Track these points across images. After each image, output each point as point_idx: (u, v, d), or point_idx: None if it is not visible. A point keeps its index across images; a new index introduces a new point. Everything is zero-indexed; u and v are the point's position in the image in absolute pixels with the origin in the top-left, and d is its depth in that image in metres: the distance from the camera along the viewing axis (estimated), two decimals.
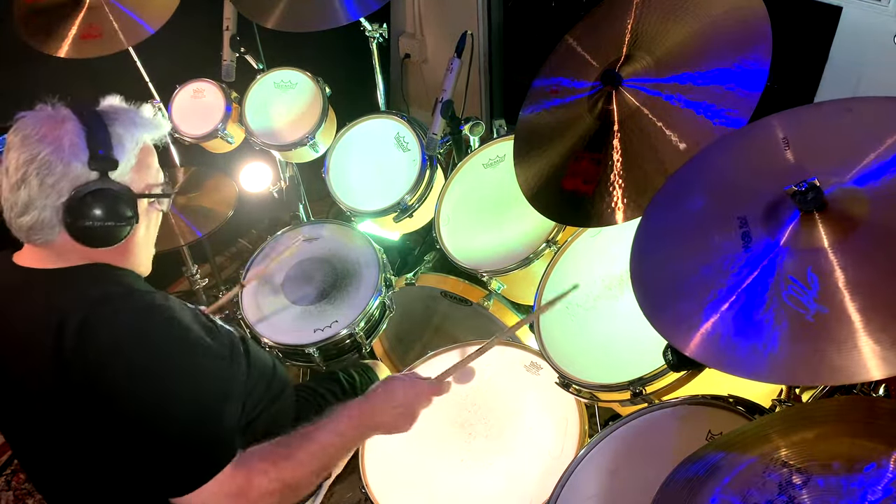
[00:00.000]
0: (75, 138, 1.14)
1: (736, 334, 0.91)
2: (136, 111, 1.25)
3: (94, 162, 1.14)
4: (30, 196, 1.13)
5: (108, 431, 1.13)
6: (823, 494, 0.81)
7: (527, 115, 1.61)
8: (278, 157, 2.38)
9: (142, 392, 1.11)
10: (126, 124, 1.20)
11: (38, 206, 1.13)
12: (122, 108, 1.24)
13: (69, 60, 1.98)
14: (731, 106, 1.22)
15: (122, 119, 1.21)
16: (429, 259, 2.24)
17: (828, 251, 0.89)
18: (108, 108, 1.22)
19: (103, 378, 1.10)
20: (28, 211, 1.14)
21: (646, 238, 1.15)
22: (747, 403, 1.20)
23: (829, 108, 1.07)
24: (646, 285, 1.08)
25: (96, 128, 1.16)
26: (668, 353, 1.20)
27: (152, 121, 1.26)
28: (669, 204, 1.16)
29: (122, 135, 1.19)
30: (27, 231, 1.16)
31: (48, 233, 1.16)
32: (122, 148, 1.19)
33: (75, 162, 1.13)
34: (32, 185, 1.12)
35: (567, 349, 1.51)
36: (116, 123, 1.19)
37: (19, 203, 1.14)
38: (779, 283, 0.90)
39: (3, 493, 2.27)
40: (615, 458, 1.29)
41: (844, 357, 0.81)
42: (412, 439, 1.58)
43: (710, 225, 1.04)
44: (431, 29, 2.96)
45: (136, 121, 1.22)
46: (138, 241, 1.26)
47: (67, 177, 1.13)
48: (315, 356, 1.84)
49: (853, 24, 1.92)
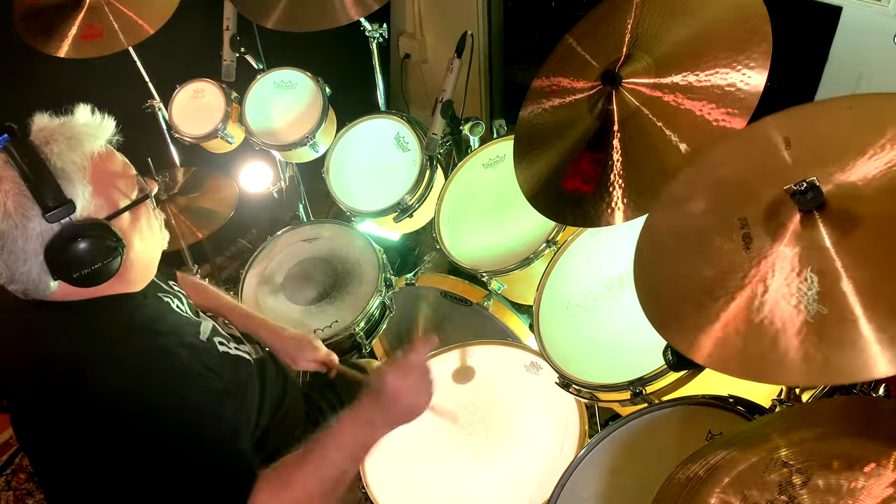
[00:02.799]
0: (19, 197, 1.04)
1: (739, 337, 0.91)
2: (70, 124, 1.12)
3: (49, 216, 1.05)
4: (7, 268, 1.08)
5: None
6: (823, 494, 0.81)
7: (527, 115, 1.60)
8: (278, 157, 2.38)
9: (145, 442, 1.06)
10: (64, 151, 1.08)
11: (21, 272, 1.08)
12: (54, 128, 1.11)
13: (69, 60, 1.98)
14: (731, 106, 1.22)
15: (59, 146, 1.08)
16: (429, 259, 2.24)
17: (830, 250, 0.89)
18: (41, 138, 1.09)
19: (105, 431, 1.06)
20: (14, 279, 1.09)
21: (649, 243, 1.14)
22: (747, 403, 1.20)
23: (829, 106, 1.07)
24: (650, 292, 1.08)
25: (36, 173, 1.05)
26: (668, 353, 1.20)
27: (90, 127, 1.14)
28: (671, 207, 1.16)
29: (65, 167, 1.08)
30: (24, 294, 1.12)
31: (44, 288, 1.11)
32: (71, 182, 1.08)
33: (31, 222, 1.05)
34: (3, 261, 1.07)
35: (567, 349, 1.51)
36: (54, 156, 1.07)
37: (3, 276, 1.09)
38: (780, 284, 0.90)
39: (3, 493, 2.27)
40: (615, 458, 1.29)
41: (847, 356, 0.81)
42: (412, 439, 1.58)
43: (711, 227, 1.04)
44: (431, 29, 2.96)
45: (72, 140, 1.10)
46: (136, 255, 1.18)
47: (31, 239, 1.06)
48: None
49: (853, 24, 1.92)
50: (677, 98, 1.30)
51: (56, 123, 1.12)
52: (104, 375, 1.08)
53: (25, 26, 2.00)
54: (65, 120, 1.13)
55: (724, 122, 1.22)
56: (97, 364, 1.09)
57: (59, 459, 1.09)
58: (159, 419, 1.08)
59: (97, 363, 1.09)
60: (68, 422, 1.07)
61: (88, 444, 1.06)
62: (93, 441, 1.06)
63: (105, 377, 1.08)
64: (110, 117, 1.18)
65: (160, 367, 1.12)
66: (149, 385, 1.09)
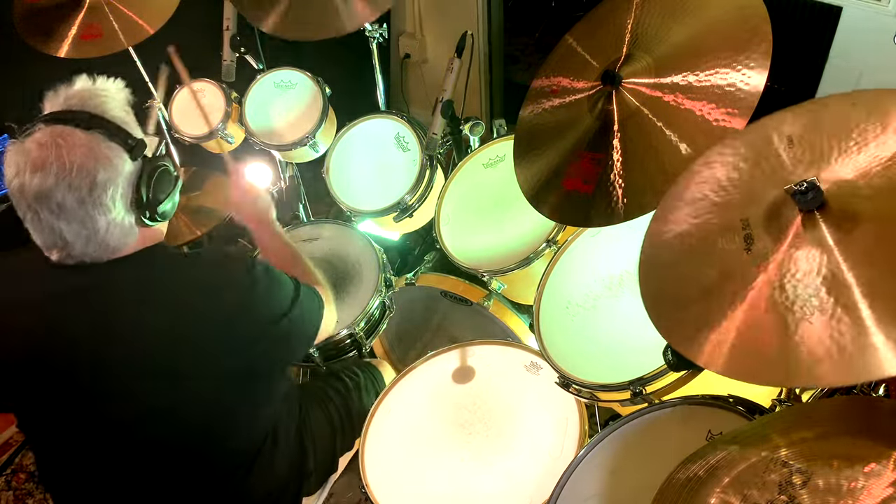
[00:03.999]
0: (107, 146, 1.13)
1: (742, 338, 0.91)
2: (96, 87, 1.20)
3: (132, 154, 1.15)
4: (105, 213, 1.13)
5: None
6: (823, 494, 0.81)
7: (527, 115, 1.60)
8: (278, 157, 2.38)
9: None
10: (109, 104, 1.17)
11: (115, 223, 1.14)
12: (82, 92, 1.18)
13: (69, 60, 1.98)
14: (731, 106, 1.22)
15: (100, 101, 1.17)
16: (429, 259, 2.24)
17: (832, 249, 0.89)
18: (78, 102, 1.16)
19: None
20: (110, 229, 1.14)
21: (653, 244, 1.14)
22: (747, 403, 1.20)
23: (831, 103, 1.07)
24: (654, 295, 1.07)
25: (100, 124, 1.13)
26: (668, 353, 1.20)
27: (110, 87, 1.23)
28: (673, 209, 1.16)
29: (117, 115, 1.17)
30: (112, 249, 1.17)
31: (128, 236, 1.18)
32: (128, 125, 1.18)
33: (124, 163, 1.14)
34: (91, 217, 1.12)
35: (567, 349, 1.51)
36: (106, 112, 1.16)
37: (99, 229, 1.13)
38: (782, 285, 0.90)
39: (3, 493, 2.27)
40: (615, 458, 1.29)
41: (853, 356, 0.80)
42: (412, 439, 1.58)
43: (713, 229, 1.04)
44: (431, 29, 2.96)
45: (107, 97, 1.19)
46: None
47: (125, 179, 1.15)
48: (315, 356, 1.83)
49: (853, 24, 1.92)
50: (677, 98, 1.30)
51: (79, 88, 1.19)
52: (211, 285, 1.24)
53: (25, 26, 1.99)
54: (83, 85, 1.20)
55: (724, 122, 1.22)
56: (189, 274, 1.26)
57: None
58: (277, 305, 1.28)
59: (223, 283, 1.25)
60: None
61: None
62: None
63: (233, 280, 1.25)
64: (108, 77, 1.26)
65: (239, 263, 1.28)
66: (234, 273, 1.26)
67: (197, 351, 1.20)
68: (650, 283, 1.09)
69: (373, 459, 1.56)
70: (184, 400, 1.23)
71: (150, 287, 1.20)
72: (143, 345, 1.18)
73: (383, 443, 1.59)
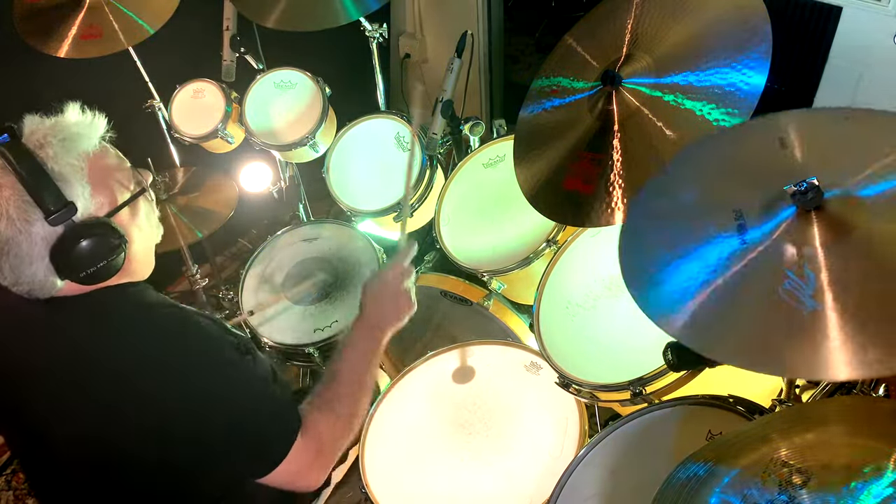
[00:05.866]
0: (20, 203, 1.05)
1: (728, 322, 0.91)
2: (62, 125, 1.12)
3: (51, 219, 1.06)
4: (12, 272, 1.09)
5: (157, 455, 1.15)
6: (823, 494, 0.81)
7: (527, 115, 1.60)
8: (278, 157, 2.38)
9: (187, 400, 1.14)
10: (60, 153, 1.08)
11: (27, 274, 1.09)
12: (46, 130, 1.10)
13: (69, 60, 1.98)
14: (731, 106, 1.22)
15: (53, 149, 1.08)
16: (429, 259, 2.24)
17: (818, 249, 0.89)
18: (35, 141, 1.09)
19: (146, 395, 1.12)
20: (20, 282, 1.10)
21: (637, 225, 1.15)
22: (747, 403, 1.20)
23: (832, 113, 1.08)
24: (636, 271, 1.08)
25: (34, 178, 1.05)
26: (667, 353, 1.20)
27: (82, 126, 1.14)
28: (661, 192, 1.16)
29: (62, 170, 1.08)
30: (29, 294, 1.12)
31: (51, 288, 1.12)
32: (70, 184, 1.08)
33: (34, 227, 1.06)
34: (8, 265, 1.08)
35: (567, 349, 1.51)
36: (49, 160, 1.07)
37: (7, 278, 1.10)
38: (777, 276, 0.90)
39: (3, 493, 2.27)
40: (615, 458, 1.29)
41: (817, 352, 0.82)
42: (412, 439, 1.58)
43: (704, 214, 1.04)
44: (431, 29, 2.96)
45: (66, 141, 1.10)
46: (137, 247, 1.20)
47: (35, 244, 1.07)
48: (315, 356, 1.84)
49: (853, 24, 1.92)
50: (677, 98, 1.30)
51: (48, 125, 1.12)
52: (144, 352, 1.13)
53: (25, 26, 1.99)
54: (56, 120, 1.13)
55: (724, 122, 1.22)
56: (136, 343, 1.14)
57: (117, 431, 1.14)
58: (207, 380, 1.15)
59: (136, 342, 1.14)
60: (124, 400, 1.12)
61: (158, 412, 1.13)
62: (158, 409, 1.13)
63: (146, 352, 1.13)
64: (100, 114, 1.18)
65: (192, 333, 1.17)
66: (190, 349, 1.15)
67: (108, 413, 1.15)
68: (634, 264, 1.10)
69: (373, 459, 1.56)
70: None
71: (78, 336, 1.15)
72: (64, 396, 1.16)
73: (383, 443, 1.59)
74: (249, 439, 1.17)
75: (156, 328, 1.17)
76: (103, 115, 1.18)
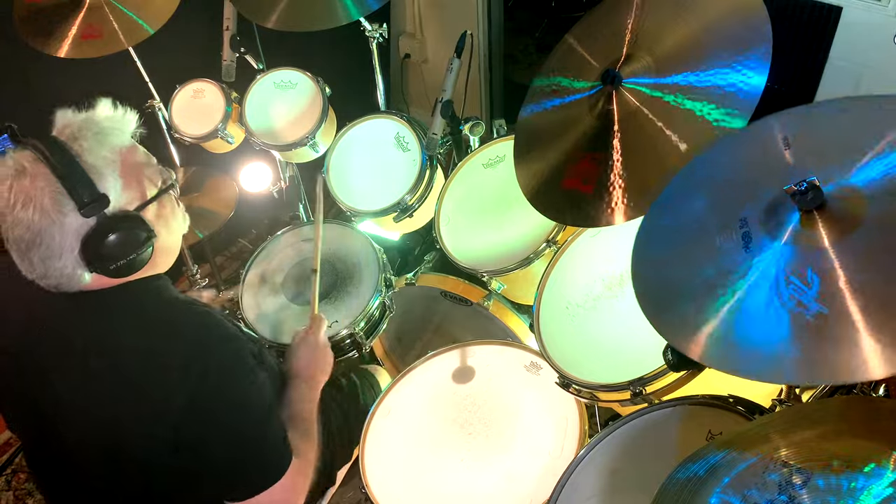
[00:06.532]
0: (54, 194, 1.06)
1: (738, 335, 0.91)
2: (95, 119, 1.15)
3: (84, 211, 1.08)
4: (43, 264, 1.10)
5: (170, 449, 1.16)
6: (823, 494, 0.81)
7: (527, 115, 1.60)
8: (278, 157, 2.38)
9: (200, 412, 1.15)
10: (93, 147, 1.11)
11: (56, 267, 1.10)
12: (79, 123, 1.13)
13: (69, 60, 1.98)
14: (731, 106, 1.22)
15: (88, 142, 1.11)
16: (429, 259, 2.23)
17: (828, 250, 0.89)
18: (68, 134, 1.11)
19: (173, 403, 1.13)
20: (48, 275, 1.11)
21: (647, 240, 1.15)
22: (747, 403, 1.20)
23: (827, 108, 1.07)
24: (648, 287, 1.08)
25: (68, 170, 1.07)
26: (668, 353, 1.20)
27: (114, 121, 1.17)
28: (671, 206, 1.16)
29: (95, 163, 1.10)
30: (56, 287, 1.13)
31: (78, 281, 1.13)
32: (103, 176, 1.10)
33: (67, 218, 1.08)
34: (38, 257, 1.09)
35: (567, 349, 1.51)
36: (84, 152, 1.10)
37: (36, 270, 1.11)
38: (780, 283, 0.90)
39: (3, 493, 2.27)
40: (615, 458, 1.29)
41: (845, 356, 0.81)
42: (412, 439, 1.58)
43: (711, 226, 1.04)
44: (431, 29, 2.96)
45: (99, 135, 1.13)
46: (163, 241, 1.22)
47: (68, 235, 1.08)
48: None
49: (853, 24, 1.92)
50: (677, 98, 1.30)
51: (81, 119, 1.15)
52: (169, 348, 1.14)
53: (25, 26, 1.99)
54: (88, 115, 1.16)
55: (724, 122, 1.22)
56: (159, 339, 1.15)
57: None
58: (228, 380, 1.17)
59: (158, 338, 1.16)
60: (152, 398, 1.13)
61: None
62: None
63: (171, 348, 1.14)
64: (132, 111, 1.21)
65: (214, 329, 1.19)
66: (211, 347, 1.17)
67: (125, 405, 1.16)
68: (646, 280, 1.10)
69: (373, 459, 1.56)
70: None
71: (103, 330, 1.17)
72: (83, 388, 1.17)
73: (384, 443, 1.59)
74: (248, 460, 1.19)
75: (181, 325, 1.19)
76: (135, 111, 1.22)
